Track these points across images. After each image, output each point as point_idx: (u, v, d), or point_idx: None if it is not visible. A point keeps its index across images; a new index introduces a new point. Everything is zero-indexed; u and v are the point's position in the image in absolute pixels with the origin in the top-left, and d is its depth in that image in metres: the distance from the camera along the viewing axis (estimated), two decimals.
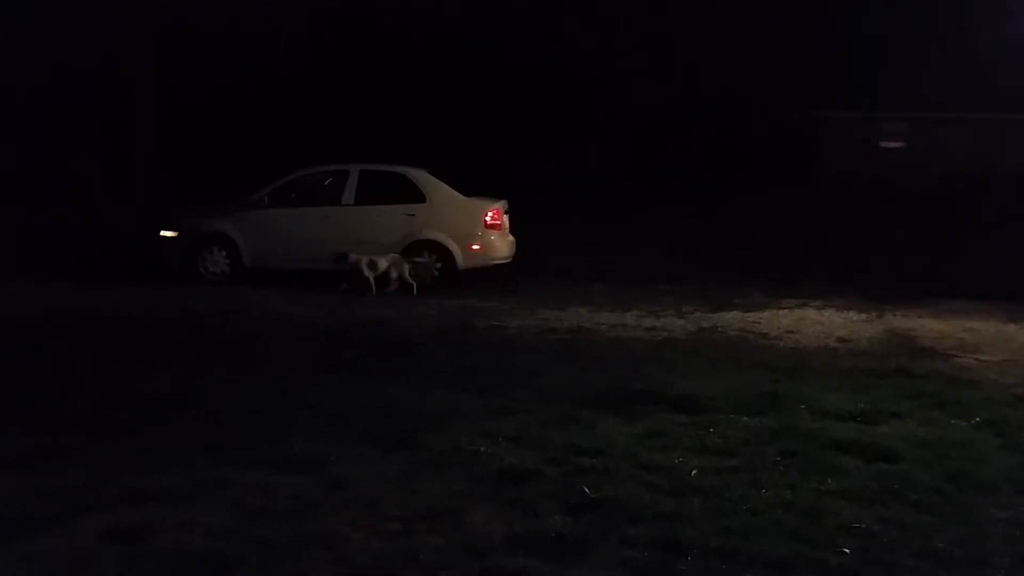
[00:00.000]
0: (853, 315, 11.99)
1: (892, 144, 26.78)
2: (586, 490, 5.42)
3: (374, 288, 13.31)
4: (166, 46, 20.48)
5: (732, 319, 11.62)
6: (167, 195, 19.35)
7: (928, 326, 11.29)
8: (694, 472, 5.77)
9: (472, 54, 23.90)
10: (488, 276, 14.35)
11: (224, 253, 14.24)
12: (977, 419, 7.03)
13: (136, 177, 20.20)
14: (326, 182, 14.68)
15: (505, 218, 14.57)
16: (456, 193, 14.34)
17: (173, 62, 20.96)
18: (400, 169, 14.53)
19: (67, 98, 22.09)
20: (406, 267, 13.47)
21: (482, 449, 6.15)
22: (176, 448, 6.07)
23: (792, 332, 10.82)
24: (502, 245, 14.42)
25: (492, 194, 14.86)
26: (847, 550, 4.72)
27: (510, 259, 14.64)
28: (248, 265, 14.18)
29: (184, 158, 21.40)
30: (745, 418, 6.92)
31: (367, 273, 13.35)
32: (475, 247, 14.08)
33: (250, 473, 5.65)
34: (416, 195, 14.22)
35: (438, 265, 14.05)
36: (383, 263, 13.43)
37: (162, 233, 14.54)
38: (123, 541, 4.66)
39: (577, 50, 23.59)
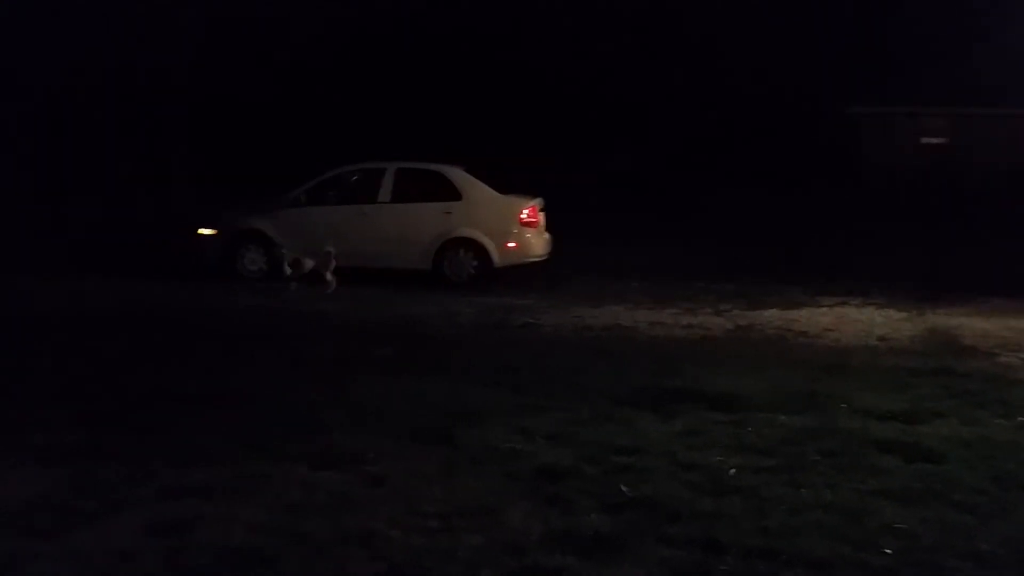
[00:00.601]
0: (893, 313, 11.85)
1: (934, 140, 26.44)
2: (623, 488, 5.41)
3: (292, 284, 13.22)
4: (204, 43, 20.66)
5: (770, 317, 11.54)
6: (205, 193, 19.53)
7: (970, 324, 11.14)
8: (732, 471, 5.73)
9: (508, 51, 23.90)
10: (524, 274, 14.34)
11: (261, 250, 14.34)
12: (1021, 418, 6.93)
13: (174, 175, 20.40)
14: (363, 180, 14.73)
15: (541, 215, 14.55)
16: (492, 191, 14.35)
17: (211, 59, 21.15)
18: (436, 167, 14.56)
19: (107, 97, 22.36)
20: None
21: (519, 447, 6.15)
22: (216, 443, 6.13)
23: (831, 330, 10.72)
24: (538, 243, 14.41)
25: (528, 192, 14.85)
26: (889, 551, 4.67)
27: (546, 257, 14.62)
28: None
29: (222, 156, 21.57)
30: (784, 417, 6.86)
31: (287, 271, 13.29)
32: (511, 245, 14.08)
33: (290, 468, 5.69)
34: (452, 193, 14.25)
35: (474, 263, 14.07)
36: (308, 263, 13.38)
37: (200, 231, 14.66)
38: (165, 536, 4.71)
39: (615, 46, 23.52)
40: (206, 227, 14.66)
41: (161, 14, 20.14)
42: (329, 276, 13.27)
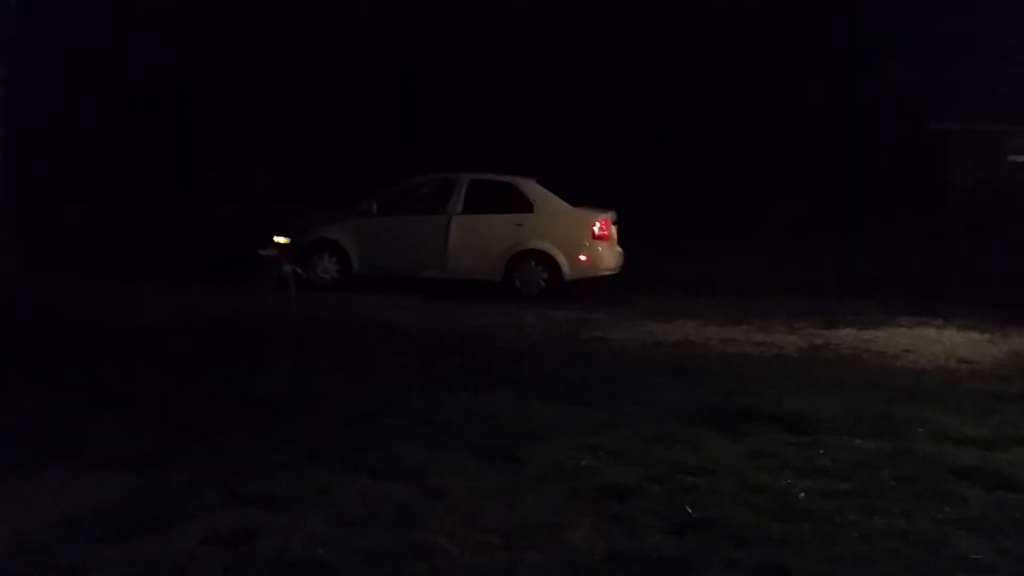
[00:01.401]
0: (975, 335, 11.48)
1: (1021, 158, 25.70)
2: (689, 510, 5.29)
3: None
4: (282, 53, 20.98)
5: (846, 336, 11.27)
6: (280, 202, 19.78)
7: None
8: (803, 495, 5.57)
9: (582, 64, 23.85)
10: (595, 287, 14.25)
11: (334, 259, 14.49)
12: None
13: (253, 184, 20.70)
14: (435, 191, 14.79)
15: (613, 229, 14.46)
16: (564, 203, 14.30)
17: (287, 70, 21.45)
18: (509, 179, 14.57)
19: (184, 104, 22.81)
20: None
21: (584, 463, 6.06)
22: (280, 452, 6.15)
23: (910, 351, 10.42)
24: (609, 256, 14.31)
25: (601, 204, 14.76)
26: None
27: (617, 270, 14.52)
28: (357, 271, 14.40)
29: (297, 165, 21.85)
30: (858, 440, 6.66)
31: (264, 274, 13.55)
32: (582, 258, 14.01)
33: (352, 480, 5.68)
34: (524, 205, 14.24)
35: (545, 275, 14.02)
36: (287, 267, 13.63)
37: (275, 239, 14.84)
38: (225, 546, 4.72)
39: (695, 61, 23.32)
40: (281, 236, 14.83)
41: (242, 19, 20.48)
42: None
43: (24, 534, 4.82)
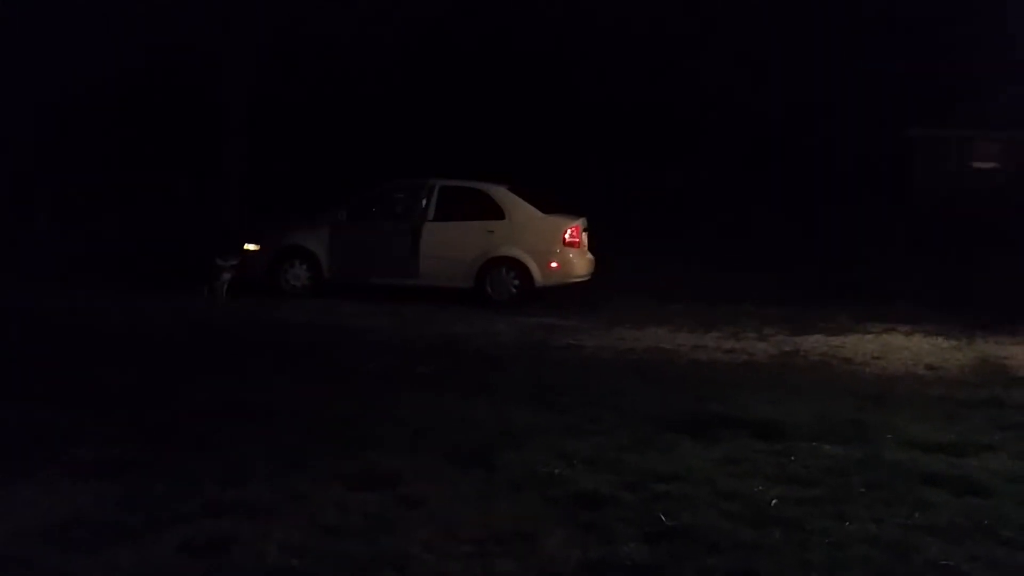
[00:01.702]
0: (942, 341, 11.63)
1: (986, 165, 26.06)
2: (663, 517, 5.32)
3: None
4: (257, 58, 20.88)
5: (815, 343, 11.37)
6: (253, 208, 19.69)
7: (1022, 354, 10.89)
8: (774, 502, 5.62)
9: (552, 67, 23.93)
10: (567, 294, 14.29)
11: (305, 267, 14.43)
12: None
13: (227, 190, 20.58)
14: (405, 197, 14.76)
15: (584, 236, 14.51)
16: (535, 210, 14.33)
17: (262, 75, 21.36)
18: (480, 185, 14.58)
19: (156, 108, 22.66)
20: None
21: (558, 471, 6.09)
22: (256, 460, 6.14)
23: (878, 358, 10.54)
24: (581, 263, 14.36)
25: (572, 211, 14.81)
26: None
27: (589, 277, 14.57)
28: (328, 279, 14.35)
29: (269, 170, 21.76)
30: (828, 446, 6.74)
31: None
32: (553, 264, 14.05)
33: (328, 488, 5.68)
34: (495, 212, 14.25)
35: (516, 282, 14.05)
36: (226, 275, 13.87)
37: (245, 246, 14.77)
38: (202, 554, 4.71)
39: (664, 66, 23.47)
40: (251, 243, 14.78)
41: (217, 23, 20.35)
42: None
43: None
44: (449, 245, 14.14)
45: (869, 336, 11.90)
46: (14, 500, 5.37)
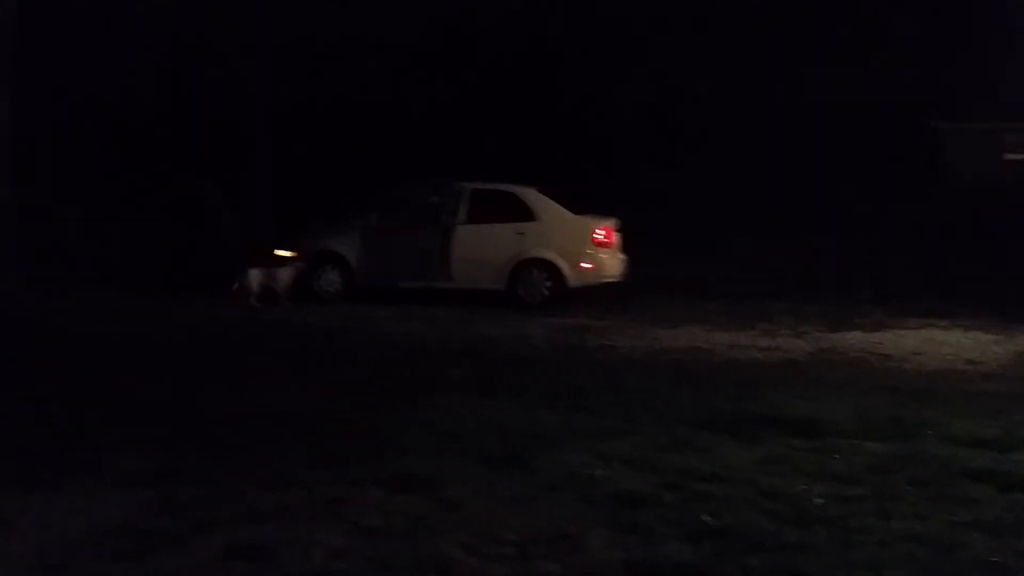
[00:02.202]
0: (982, 335, 11.50)
1: (1017, 156, 25.73)
2: (704, 517, 5.29)
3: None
4: (283, 63, 21.00)
5: (853, 339, 11.28)
6: (283, 213, 19.79)
7: None
8: (817, 500, 5.57)
9: (581, 69, 23.88)
10: (599, 294, 14.26)
11: (337, 271, 14.50)
12: None
13: (256, 195, 20.70)
14: (436, 200, 14.79)
15: (616, 236, 14.47)
16: (566, 211, 14.32)
17: (288, 80, 21.48)
18: (510, 188, 14.59)
19: (185, 115, 22.82)
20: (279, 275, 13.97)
21: (597, 472, 6.06)
22: (294, 465, 6.15)
23: (917, 353, 10.44)
24: (613, 263, 14.32)
25: (604, 211, 14.78)
26: None
27: (621, 277, 14.52)
28: (360, 283, 14.40)
29: (299, 175, 21.86)
30: (870, 444, 6.67)
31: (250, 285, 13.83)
32: (585, 265, 14.03)
33: (367, 492, 5.68)
34: (526, 213, 14.26)
35: (548, 284, 14.03)
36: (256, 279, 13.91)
37: (277, 252, 14.86)
38: (245, 559, 4.72)
39: (691, 62, 23.35)
40: (283, 249, 14.85)
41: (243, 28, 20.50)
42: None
43: (44, 552, 4.81)
44: (481, 248, 14.16)
45: (907, 332, 11.79)
46: (59, 509, 5.40)
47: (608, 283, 14.36)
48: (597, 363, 9.93)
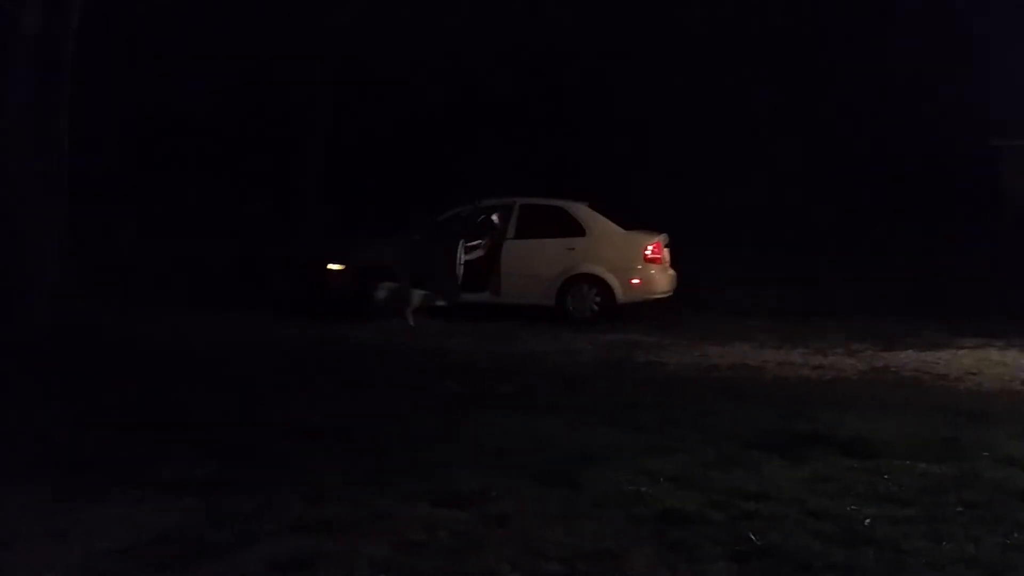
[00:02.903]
0: None
1: None
2: (752, 536, 5.22)
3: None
4: (335, 80, 21.26)
5: (906, 358, 11.10)
6: (333, 227, 19.98)
7: None
8: (867, 521, 5.48)
9: (631, 83, 23.85)
10: (648, 310, 14.19)
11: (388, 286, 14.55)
12: None
13: (305, 210, 20.93)
14: (487, 215, 14.83)
15: (666, 251, 14.41)
16: (616, 227, 14.29)
17: (341, 94, 21.72)
18: (560, 203, 14.59)
19: (239, 128, 23.15)
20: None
21: (643, 489, 6.02)
22: (340, 479, 6.19)
23: (973, 373, 10.23)
24: (662, 279, 14.26)
25: (653, 227, 14.73)
26: None
27: (671, 293, 14.45)
28: None
29: (349, 190, 22.06)
30: (923, 464, 6.54)
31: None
32: (635, 281, 13.98)
33: (412, 506, 5.69)
34: (576, 229, 14.24)
35: (597, 299, 14.00)
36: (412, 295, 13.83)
37: (329, 266, 14.98)
38: (288, 571, 4.76)
39: (743, 79, 23.23)
40: (334, 262, 14.97)
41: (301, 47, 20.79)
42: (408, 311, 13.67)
43: (90, 561, 4.89)
44: (530, 263, 14.17)
45: (963, 351, 11.56)
46: (104, 518, 5.49)
47: (658, 299, 14.29)
48: (645, 380, 9.87)
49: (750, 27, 23.49)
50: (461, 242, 14.10)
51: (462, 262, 14.08)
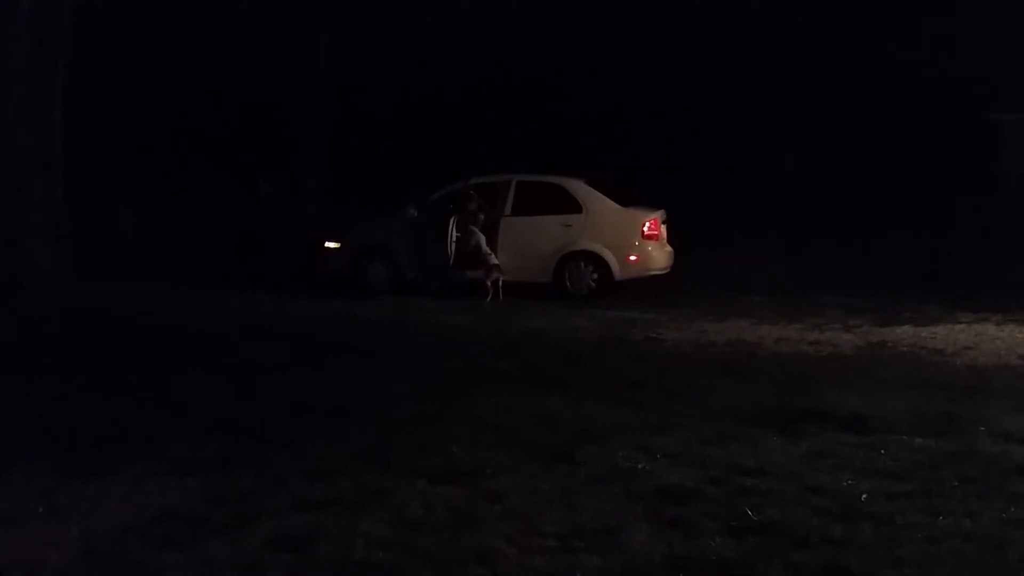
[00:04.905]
0: None
1: None
2: (749, 512, 5.25)
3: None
4: (335, 56, 21.18)
5: (903, 334, 11.11)
6: (333, 205, 19.96)
7: None
8: (864, 496, 5.51)
9: (628, 63, 23.78)
10: (646, 287, 14.20)
11: (384, 264, 14.56)
12: None
13: (306, 187, 20.89)
14: (483, 193, 14.79)
15: (663, 228, 14.39)
16: (613, 203, 14.26)
17: (339, 74, 21.63)
18: (557, 180, 14.55)
19: (238, 107, 23.07)
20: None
21: (640, 466, 6.05)
22: (342, 456, 6.22)
23: (969, 348, 10.25)
24: (660, 255, 14.25)
25: (650, 203, 14.70)
26: None
27: (668, 270, 14.45)
28: (407, 276, 14.46)
29: (348, 167, 22.01)
30: (919, 440, 6.57)
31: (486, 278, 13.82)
32: (632, 258, 13.97)
33: (411, 483, 5.72)
34: (573, 206, 14.21)
35: (595, 276, 14.00)
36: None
37: (326, 244, 14.97)
38: (289, 549, 4.79)
39: (740, 55, 23.15)
40: (331, 241, 14.96)
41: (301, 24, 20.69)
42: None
43: (92, 539, 4.92)
44: (527, 240, 14.15)
45: (959, 326, 11.57)
46: (106, 496, 5.52)
47: (655, 275, 14.29)
48: (643, 356, 9.89)
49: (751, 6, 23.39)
50: (453, 220, 14.09)
51: (454, 240, 14.07)
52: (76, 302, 12.33)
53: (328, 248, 14.96)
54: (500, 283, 13.77)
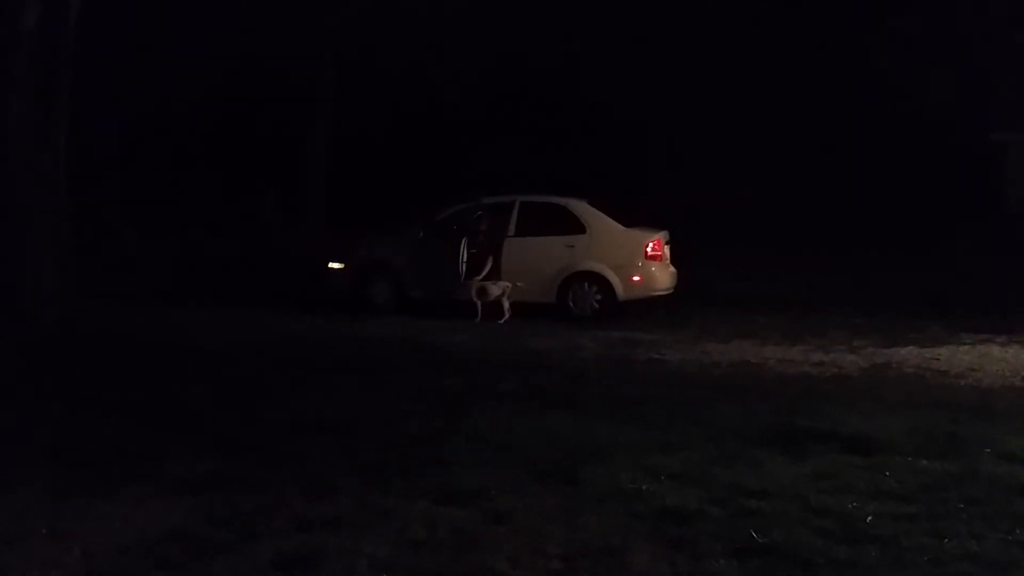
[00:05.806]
0: None
1: None
2: (753, 534, 5.22)
3: (479, 315, 13.67)
4: (343, 74, 21.30)
5: (908, 355, 11.09)
6: (336, 223, 20.00)
7: None
8: (869, 518, 5.48)
9: (628, 85, 23.86)
10: (649, 307, 14.19)
11: (387, 283, 14.57)
12: None
13: (308, 205, 20.96)
14: (487, 213, 14.81)
15: (666, 249, 14.39)
16: (616, 224, 14.26)
17: (343, 93, 21.74)
18: (560, 200, 14.56)
19: (241, 127, 23.18)
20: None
21: (644, 486, 6.02)
22: (344, 475, 6.20)
23: (974, 370, 10.22)
24: (663, 276, 14.24)
25: (653, 224, 14.71)
26: None
27: (671, 290, 14.43)
28: (412, 295, 14.47)
29: (351, 186, 22.08)
30: (924, 461, 6.54)
31: (475, 299, 13.75)
32: (636, 278, 13.96)
33: (414, 503, 5.70)
34: (576, 226, 14.22)
35: (598, 297, 14.00)
36: (495, 290, 13.76)
37: (330, 265, 14.99)
38: (291, 569, 4.77)
39: (746, 74, 23.23)
40: (335, 261, 14.99)
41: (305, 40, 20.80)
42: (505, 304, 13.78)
43: (94, 559, 4.91)
44: (531, 260, 14.15)
45: (964, 347, 11.55)
46: (108, 516, 5.50)
47: (659, 296, 14.28)
48: (647, 376, 9.87)
49: (751, 26, 23.50)
50: (464, 239, 14.11)
51: (465, 260, 14.09)
52: (78, 319, 12.35)
53: (331, 267, 14.99)
54: (507, 302, 13.78)
